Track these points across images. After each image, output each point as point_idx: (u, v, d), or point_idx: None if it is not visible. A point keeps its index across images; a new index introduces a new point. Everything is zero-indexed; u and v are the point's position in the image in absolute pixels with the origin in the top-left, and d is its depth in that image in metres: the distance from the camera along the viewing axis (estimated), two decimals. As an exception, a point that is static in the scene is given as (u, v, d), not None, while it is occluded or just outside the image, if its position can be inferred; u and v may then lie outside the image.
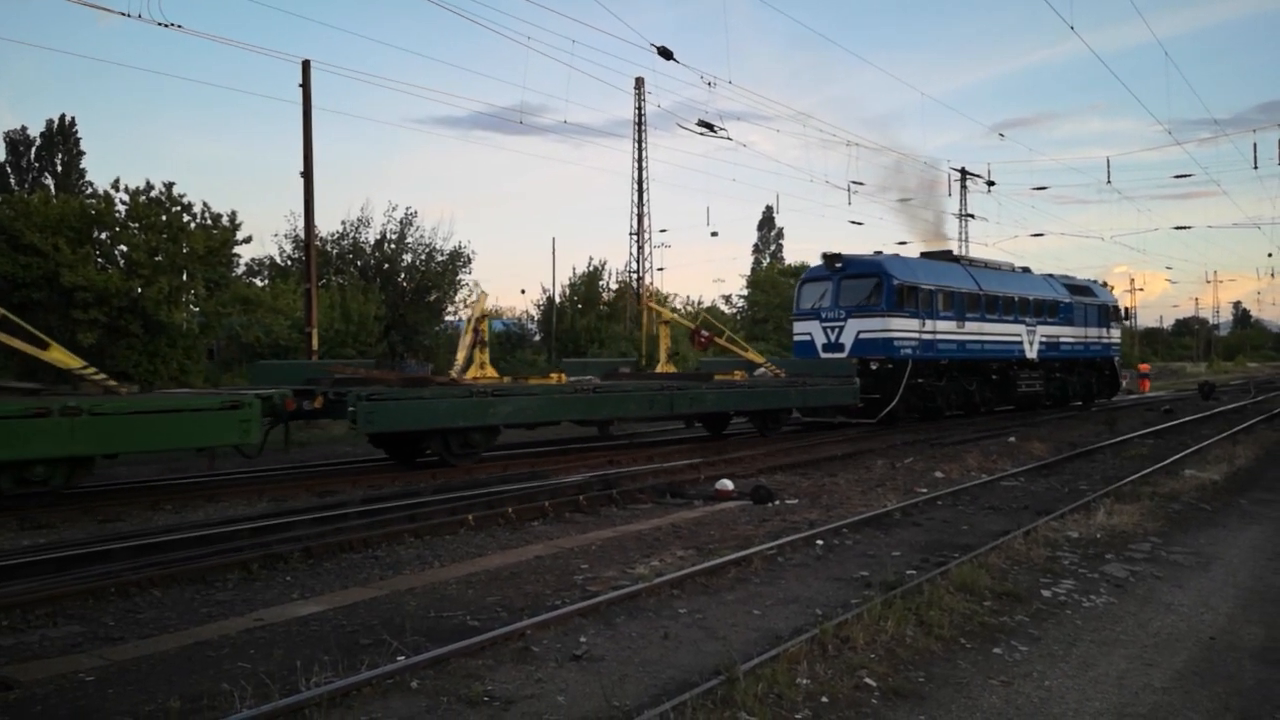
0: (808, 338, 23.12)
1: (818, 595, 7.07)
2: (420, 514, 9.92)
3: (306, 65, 20.48)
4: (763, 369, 21.16)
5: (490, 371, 16.59)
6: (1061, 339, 27.87)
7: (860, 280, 22.26)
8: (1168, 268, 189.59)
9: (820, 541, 8.92)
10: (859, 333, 21.94)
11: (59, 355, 11.35)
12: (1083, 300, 29.48)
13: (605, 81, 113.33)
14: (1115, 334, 31.88)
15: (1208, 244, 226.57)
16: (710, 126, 23.49)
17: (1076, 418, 25.28)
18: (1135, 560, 8.29)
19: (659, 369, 21.01)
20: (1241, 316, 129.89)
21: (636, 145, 40.57)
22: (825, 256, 22.95)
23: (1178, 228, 77.48)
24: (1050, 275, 29.61)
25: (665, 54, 18.53)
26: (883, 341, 21.61)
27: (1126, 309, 32.92)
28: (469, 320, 16.61)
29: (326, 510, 10.04)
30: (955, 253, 28.13)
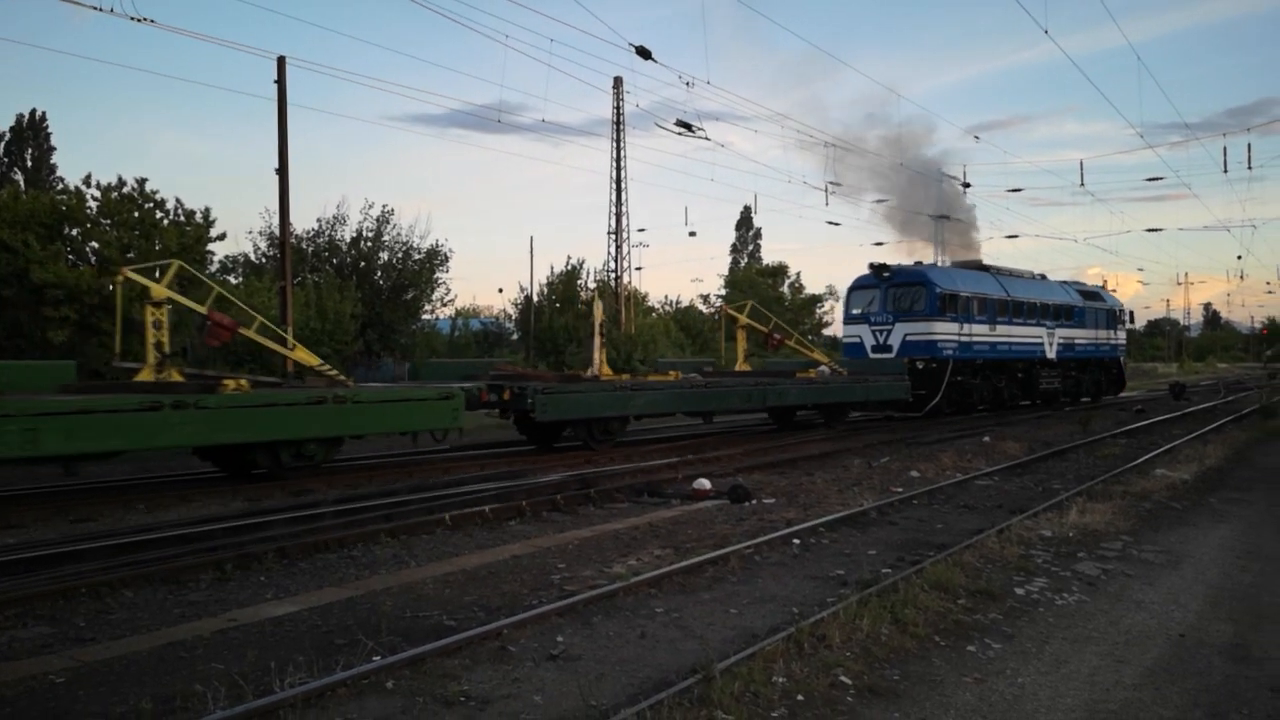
0: (857, 340, 25.54)
1: (794, 594, 7.10)
2: (396, 514, 9.87)
3: (281, 61, 20.30)
4: (824, 367, 22.98)
5: (607, 370, 18.32)
6: (1076, 340, 30.30)
7: (906, 288, 24.83)
8: (1140, 269, 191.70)
9: (797, 540, 8.96)
10: (906, 335, 24.41)
11: (302, 354, 13.89)
12: (1093, 305, 31.88)
13: (584, 81, 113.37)
14: (1121, 335, 34.39)
15: (1179, 246, 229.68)
16: (688, 126, 23.47)
17: (1052, 417, 25.56)
18: (1107, 558, 8.39)
19: (737, 368, 22.54)
20: (1212, 318, 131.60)
21: (615, 145, 40.53)
22: (873, 267, 25.41)
23: (1149, 230, 77.95)
24: (1064, 282, 32.26)
25: (644, 54, 18.52)
26: (927, 343, 24.08)
27: (1131, 312, 35.35)
28: (595, 325, 18.38)
29: (301, 510, 9.97)
30: (984, 262, 30.38)
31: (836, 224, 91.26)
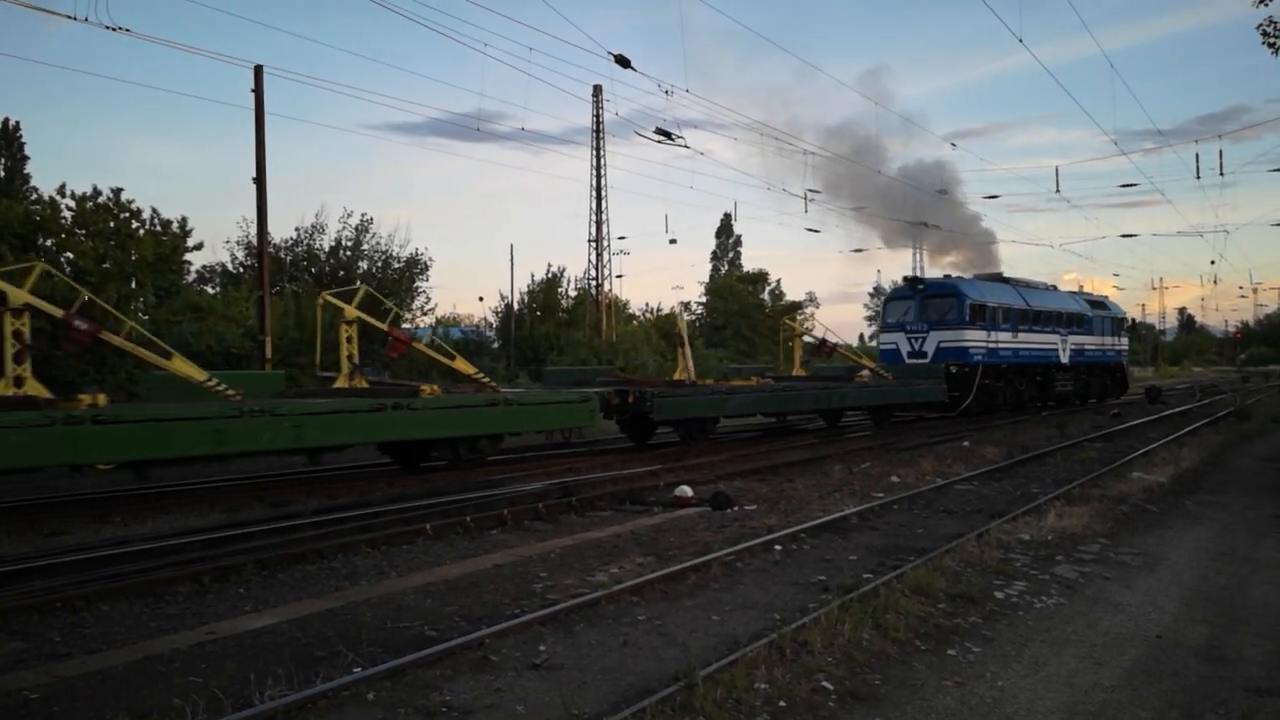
0: (893, 346, 28.05)
1: (776, 600, 7.12)
2: (376, 524, 9.82)
3: (259, 70, 20.21)
4: (866, 372, 24.45)
5: (692, 375, 20.00)
6: (1086, 346, 32.92)
7: (939, 299, 27.36)
8: (1115, 274, 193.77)
9: (779, 547, 8.97)
10: (940, 342, 26.77)
11: (461, 364, 15.76)
12: (1100, 313, 34.60)
13: (563, 89, 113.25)
14: (1124, 342, 37.25)
15: (1153, 252, 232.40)
16: (668, 134, 23.53)
17: (1030, 422, 25.77)
18: (1085, 561, 8.46)
19: (794, 374, 24.39)
20: (1186, 322, 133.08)
21: (595, 153, 40.55)
22: (907, 279, 28.59)
23: (1124, 235, 79.08)
24: (1073, 292, 35.20)
25: (623, 62, 18.57)
26: (959, 349, 26.51)
27: (1134, 320, 38.06)
28: (682, 335, 20.41)
29: (280, 521, 9.90)
30: (1005, 274, 32.73)
31: (816, 231, 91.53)
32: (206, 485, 13.11)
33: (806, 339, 25.75)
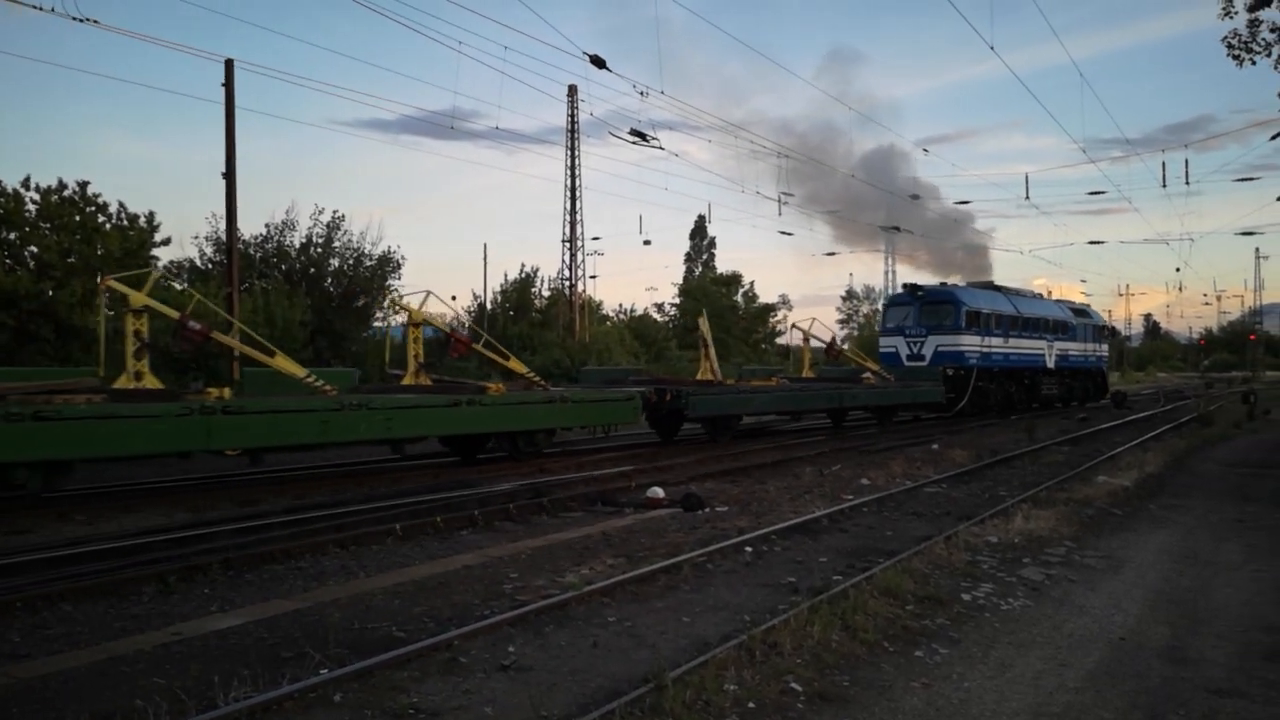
0: (893, 350, 29.52)
1: (746, 602, 7.14)
2: (346, 524, 9.73)
3: (229, 64, 20.01)
4: (868, 374, 25.85)
5: (719, 376, 21.31)
6: (1070, 352, 34.78)
7: (938, 305, 28.99)
8: (1082, 280, 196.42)
9: (749, 548, 9.00)
10: (938, 346, 28.35)
11: (516, 365, 16.84)
12: (1083, 321, 36.61)
13: (538, 89, 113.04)
14: (1104, 348, 39.15)
15: (1120, 258, 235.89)
16: (643, 135, 23.54)
17: (997, 425, 26.04)
18: (1051, 564, 8.56)
19: (804, 375, 26.03)
20: (1152, 328, 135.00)
21: (569, 153, 40.53)
22: (907, 286, 30.41)
23: (1092, 242, 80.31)
24: (1059, 301, 37.47)
25: (598, 62, 18.54)
26: (956, 353, 28.12)
27: (1113, 328, 39.87)
28: (706, 338, 21.22)
29: (248, 520, 9.79)
30: (996, 283, 34.51)
31: (789, 234, 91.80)
32: (172, 483, 12.94)
33: (814, 343, 27.04)
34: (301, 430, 12.11)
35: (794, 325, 28.37)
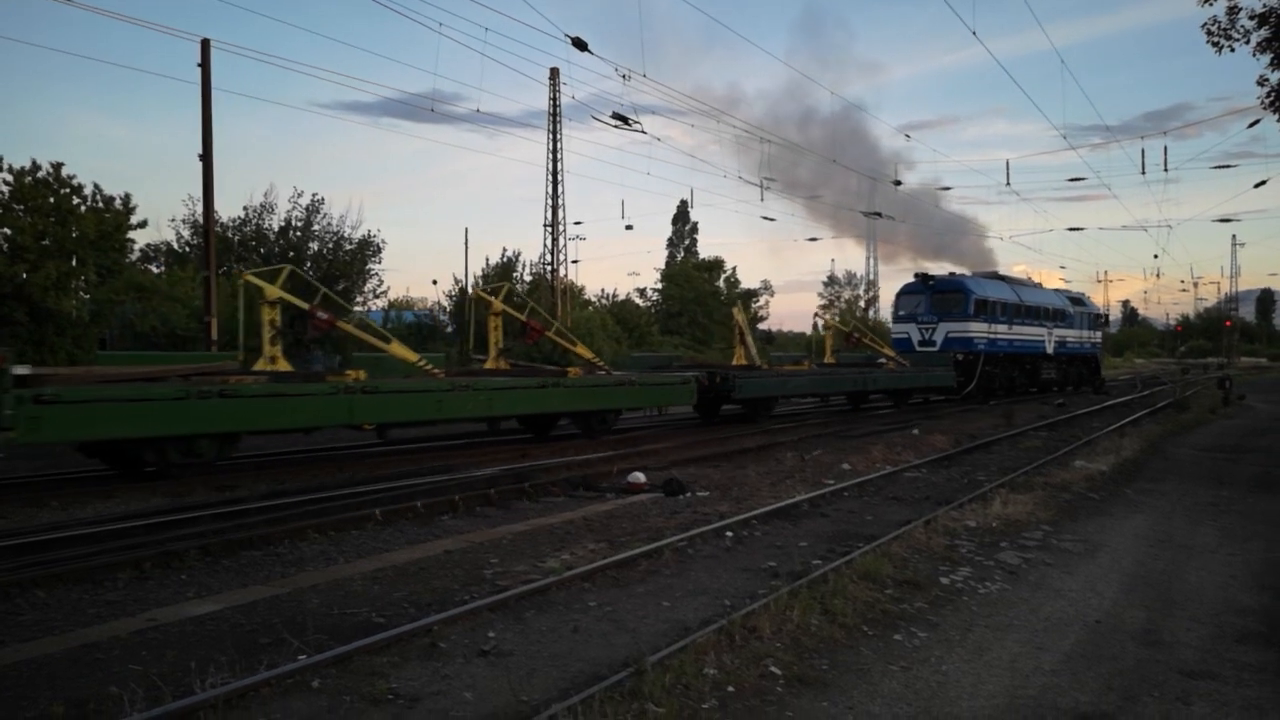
0: (905, 336, 31.06)
1: (727, 586, 7.16)
2: (326, 509, 9.67)
3: (206, 44, 19.75)
4: (883, 360, 27.47)
5: (757, 361, 23.00)
6: (1067, 339, 36.40)
7: (948, 294, 30.46)
8: (1061, 267, 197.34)
9: (730, 533, 9.03)
10: (948, 333, 29.95)
11: (583, 350, 18.38)
12: (1079, 309, 38.24)
13: (519, 71, 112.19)
14: (1099, 335, 40.99)
15: (1099, 245, 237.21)
16: (625, 119, 23.38)
17: (977, 411, 26.23)
18: (1028, 548, 8.64)
19: (826, 361, 27.56)
20: (1130, 315, 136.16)
21: (551, 136, 40.30)
22: (918, 275, 31.71)
23: (1071, 229, 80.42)
24: (1057, 290, 39.37)
25: (580, 45, 18.40)
26: (965, 339, 29.75)
27: (1107, 315, 41.31)
28: (741, 326, 22.87)
29: (227, 506, 9.72)
30: (1000, 272, 36.08)
31: (771, 219, 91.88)
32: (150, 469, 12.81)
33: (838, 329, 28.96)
34: (423, 408, 13.80)
35: (816, 311, 30.72)
